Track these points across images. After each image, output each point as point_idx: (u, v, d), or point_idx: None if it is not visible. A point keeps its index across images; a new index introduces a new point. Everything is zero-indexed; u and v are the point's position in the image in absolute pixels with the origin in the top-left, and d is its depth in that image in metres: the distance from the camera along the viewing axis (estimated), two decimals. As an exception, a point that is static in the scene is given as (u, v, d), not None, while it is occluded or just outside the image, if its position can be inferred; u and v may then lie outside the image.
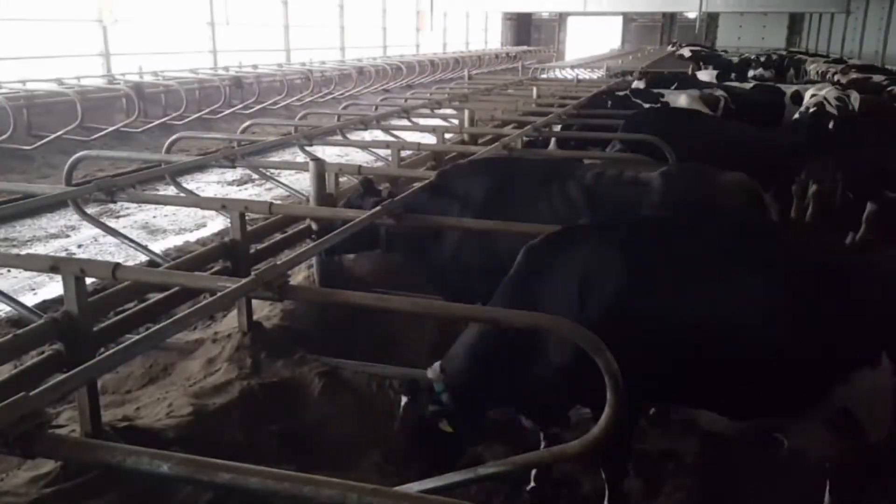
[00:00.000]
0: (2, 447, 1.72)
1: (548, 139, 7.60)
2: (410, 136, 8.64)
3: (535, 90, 11.67)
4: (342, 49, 27.01)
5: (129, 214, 9.18)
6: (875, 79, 14.97)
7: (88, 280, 3.34)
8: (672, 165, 5.21)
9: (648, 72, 16.51)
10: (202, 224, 8.84)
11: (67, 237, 8.22)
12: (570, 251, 3.15)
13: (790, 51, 30.87)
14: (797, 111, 9.63)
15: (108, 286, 4.17)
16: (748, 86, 11.61)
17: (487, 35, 44.46)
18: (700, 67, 18.31)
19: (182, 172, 7.61)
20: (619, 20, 45.70)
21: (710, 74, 15.20)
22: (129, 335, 3.80)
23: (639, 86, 12.06)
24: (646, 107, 9.04)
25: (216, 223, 8.70)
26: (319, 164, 5.27)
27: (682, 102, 9.47)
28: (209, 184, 10.98)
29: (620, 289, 2.97)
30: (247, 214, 4.77)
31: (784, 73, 20.43)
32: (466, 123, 8.06)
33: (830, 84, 12.06)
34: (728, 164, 4.64)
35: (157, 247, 7.53)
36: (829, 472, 3.22)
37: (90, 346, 3.37)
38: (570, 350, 2.76)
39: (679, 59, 23.99)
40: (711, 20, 40.22)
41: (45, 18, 15.18)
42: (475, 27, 42.24)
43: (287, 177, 9.23)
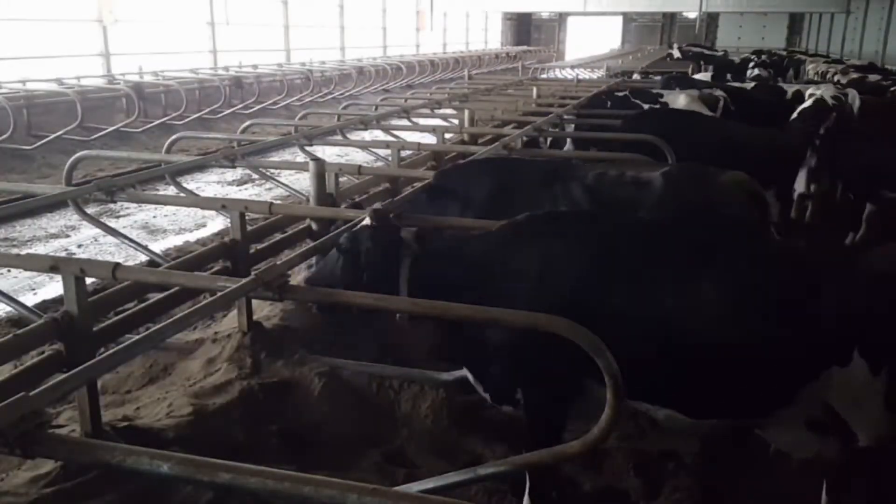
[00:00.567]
0: (2, 447, 1.73)
1: (557, 139, 7.60)
2: (410, 136, 8.66)
3: (535, 90, 11.67)
4: (342, 49, 27.03)
5: (129, 214, 9.18)
6: (870, 79, 14.95)
7: (88, 280, 3.34)
8: (672, 165, 5.21)
9: (649, 72, 16.50)
10: (202, 224, 8.84)
11: (67, 237, 8.22)
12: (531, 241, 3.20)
13: (790, 51, 30.83)
14: (797, 110, 9.61)
15: (108, 286, 4.18)
16: (749, 86, 11.60)
17: (487, 35, 44.49)
18: (700, 68, 18.28)
19: (182, 172, 7.61)
20: (619, 20, 45.73)
21: (707, 75, 15.17)
22: (129, 335, 3.81)
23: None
24: (645, 107, 9.03)
25: (216, 223, 8.70)
26: (319, 164, 5.27)
27: (682, 103, 9.45)
28: (209, 184, 10.98)
29: (577, 281, 3.01)
30: (247, 214, 4.78)
31: (784, 74, 20.41)
32: (466, 123, 8.06)
33: (832, 84, 12.05)
34: (728, 164, 4.64)
35: (157, 247, 7.53)
36: (826, 473, 3.20)
37: (90, 346, 3.37)
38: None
39: (670, 60, 23.88)
40: (711, 20, 40.28)
41: (45, 18, 15.20)
42: (475, 27, 42.27)
43: (287, 177, 9.24)
